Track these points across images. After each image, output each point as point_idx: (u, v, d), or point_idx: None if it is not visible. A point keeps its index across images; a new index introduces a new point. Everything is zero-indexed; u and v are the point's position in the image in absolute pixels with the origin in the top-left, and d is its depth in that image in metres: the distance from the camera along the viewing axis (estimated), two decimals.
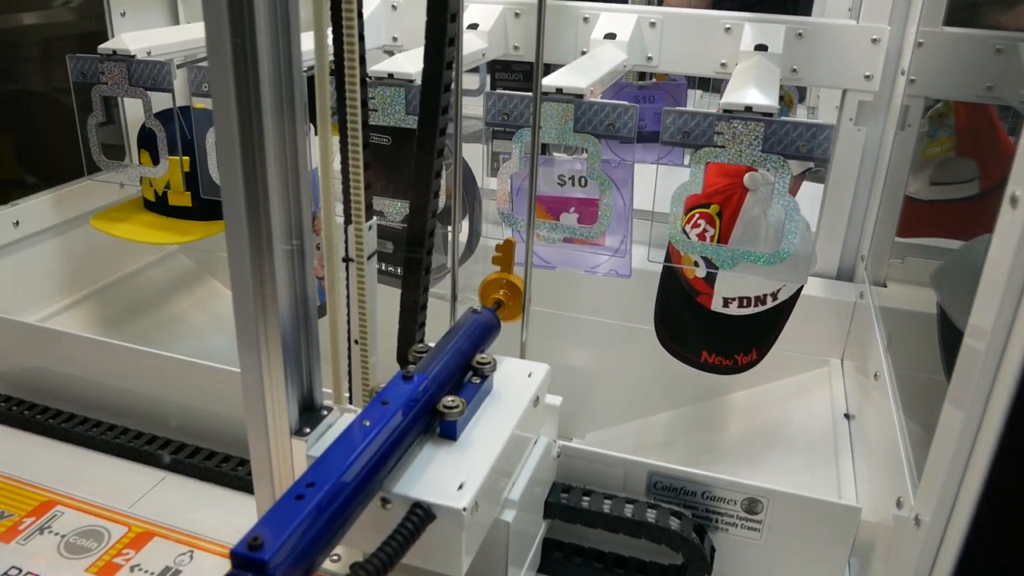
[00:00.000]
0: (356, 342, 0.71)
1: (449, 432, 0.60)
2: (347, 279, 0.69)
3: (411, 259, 0.74)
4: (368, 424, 0.54)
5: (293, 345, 0.57)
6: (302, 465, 0.59)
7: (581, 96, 0.87)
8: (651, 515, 0.76)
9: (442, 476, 0.56)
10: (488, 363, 0.65)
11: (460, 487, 0.55)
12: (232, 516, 0.82)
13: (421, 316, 0.79)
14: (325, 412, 0.61)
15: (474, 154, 1.00)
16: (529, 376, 0.69)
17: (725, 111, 0.83)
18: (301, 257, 0.56)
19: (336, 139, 0.66)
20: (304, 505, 0.46)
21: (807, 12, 2.13)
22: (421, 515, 0.53)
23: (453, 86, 0.72)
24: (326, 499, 0.47)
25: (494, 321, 0.72)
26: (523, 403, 0.65)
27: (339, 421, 0.62)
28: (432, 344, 0.67)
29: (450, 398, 0.59)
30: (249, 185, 0.50)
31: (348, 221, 0.67)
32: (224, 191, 0.51)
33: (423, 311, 0.79)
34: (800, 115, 1.81)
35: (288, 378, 0.56)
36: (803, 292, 1.04)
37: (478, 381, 0.65)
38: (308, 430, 0.59)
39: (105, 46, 1.09)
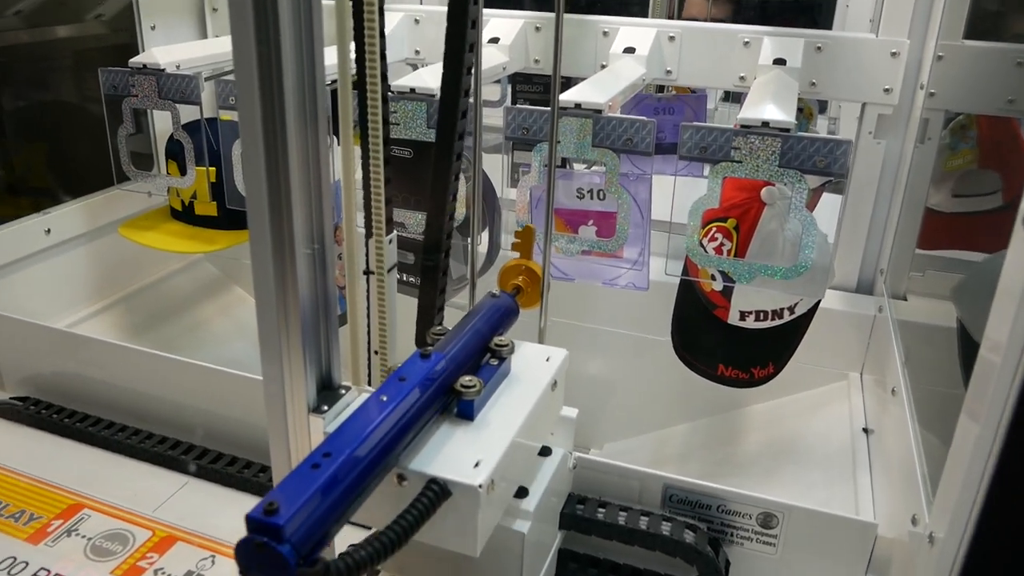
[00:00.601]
0: (376, 352, 0.73)
1: (466, 412, 0.60)
2: (367, 291, 0.71)
3: (427, 265, 0.75)
4: (385, 399, 0.54)
5: (312, 323, 0.58)
6: (319, 441, 0.60)
7: (600, 111, 0.88)
8: (666, 528, 0.77)
9: (459, 454, 0.56)
10: (506, 345, 0.65)
11: (476, 465, 0.55)
12: None
13: (439, 317, 0.79)
14: (343, 391, 0.62)
15: (495, 164, 1.01)
16: (547, 360, 0.69)
17: (742, 126, 0.84)
18: (322, 245, 0.57)
19: (358, 151, 0.67)
20: (319, 474, 0.47)
21: (828, 22, 2.13)
22: (437, 491, 0.53)
23: (472, 98, 0.73)
24: (342, 469, 0.48)
25: (512, 306, 0.72)
26: (541, 386, 0.65)
27: (357, 400, 0.63)
28: (450, 328, 0.68)
29: (468, 378, 0.60)
30: (273, 194, 0.52)
31: (369, 234, 0.68)
32: (249, 200, 0.52)
33: (440, 312, 0.80)
34: (821, 126, 1.81)
35: (306, 355, 0.57)
36: (822, 305, 1.04)
37: (496, 363, 0.64)
38: (326, 408, 0.60)
39: (136, 60, 1.11)
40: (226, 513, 0.85)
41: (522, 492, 0.67)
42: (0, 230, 1.19)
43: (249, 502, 0.86)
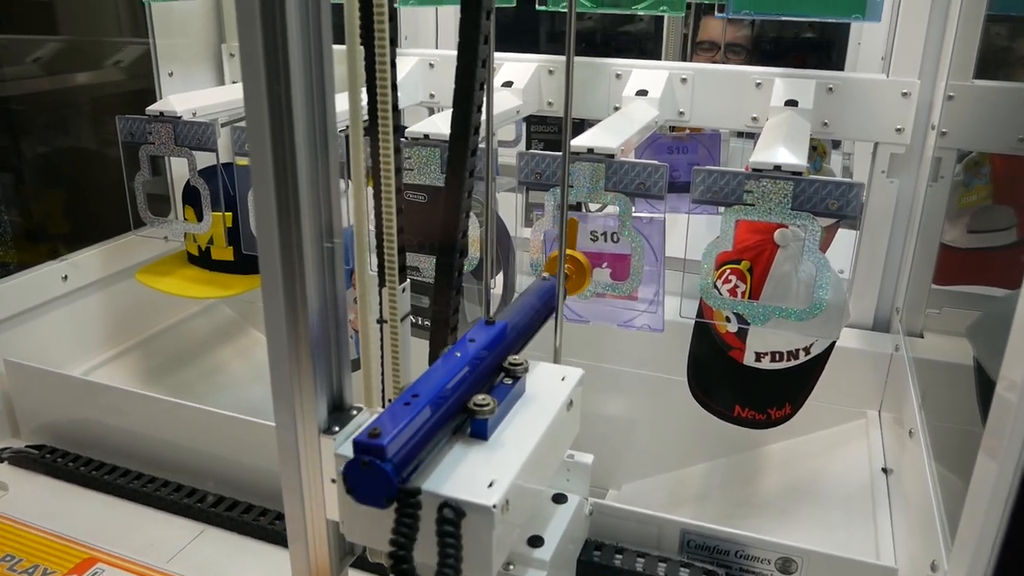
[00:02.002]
0: (390, 401, 0.73)
1: (480, 431, 0.59)
2: (381, 340, 0.71)
3: (442, 264, 0.74)
4: (459, 356, 0.61)
5: (322, 344, 0.58)
6: (330, 462, 0.60)
7: (612, 156, 0.88)
8: (684, 574, 0.76)
9: (472, 474, 0.56)
10: (520, 364, 0.65)
11: (490, 485, 0.54)
12: (269, 571, 0.83)
13: (453, 320, 0.79)
14: (354, 412, 0.62)
15: (508, 203, 1.02)
16: (563, 380, 0.68)
17: (754, 170, 0.84)
18: (332, 262, 0.58)
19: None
20: (411, 409, 0.54)
21: (841, 59, 2.14)
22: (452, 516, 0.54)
23: (483, 138, 0.73)
24: (428, 405, 0.55)
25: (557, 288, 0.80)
26: (556, 405, 0.64)
27: (368, 420, 0.63)
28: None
29: (481, 396, 0.59)
30: (284, 236, 0.54)
31: (382, 284, 0.69)
32: (260, 243, 0.54)
33: (455, 314, 0.79)
34: (835, 162, 1.81)
35: (317, 376, 0.58)
36: (839, 344, 1.04)
37: (510, 382, 0.64)
38: (337, 429, 0.60)
39: (152, 108, 1.13)
40: (241, 563, 0.84)
41: (537, 541, 0.67)
42: (18, 278, 1.20)
43: (265, 551, 0.86)
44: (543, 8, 1.13)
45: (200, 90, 1.37)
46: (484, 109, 0.71)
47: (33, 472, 1.00)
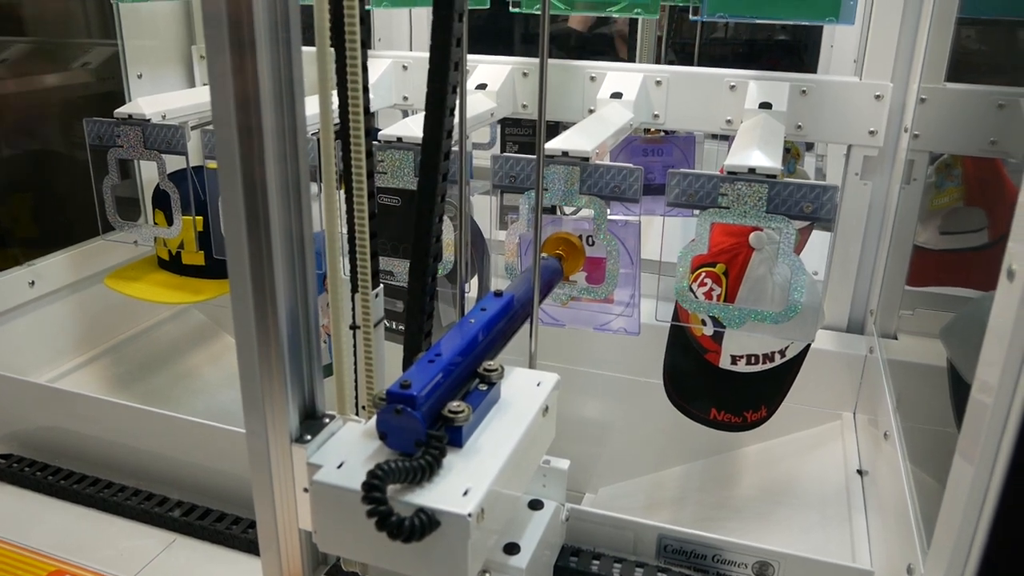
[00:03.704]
0: (364, 408, 0.72)
1: (455, 439, 0.58)
2: (354, 345, 0.70)
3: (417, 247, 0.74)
4: (473, 322, 0.68)
5: (293, 351, 0.58)
6: (303, 471, 0.59)
7: (587, 159, 0.88)
8: None
9: (447, 482, 0.55)
10: (495, 370, 0.64)
11: (465, 493, 0.54)
12: None
13: (427, 324, 0.78)
14: (327, 420, 0.61)
15: (484, 205, 1.01)
16: (538, 385, 0.67)
17: (729, 173, 0.84)
18: (303, 267, 0.58)
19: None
20: (435, 366, 0.59)
21: (813, 61, 2.15)
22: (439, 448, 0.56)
23: (455, 141, 0.72)
24: (450, 362, 0.61)
25: (558, 267, 0.89)
26: (531, 412, 0.64)
27: (342, 429, 0.62)
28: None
29: (456, 403, 0.58)
30: (254, 243, 0.53)
31: (355, 290, 0.68)
32: (229, 247, 0.53)
33: (429, 319, 0.78)
34: (809, 164, 1.82)
35: (288, 383, 0.57)
36: (813, 345, 1.04)
37: (485, 388, 0.63)
38: (309, 437, 0.59)
39: (121, 110, 1.11)
40: (214, 571, 0.83)
41: (514, 548, 0.66)
42: None
43: (238, 559, 0.85)
44: (516, 10, 1.13)
45: (170, 92, 1.35)
46: (457, 112, 0.70)
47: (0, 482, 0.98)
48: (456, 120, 0.70)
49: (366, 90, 0.63)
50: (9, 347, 1.20)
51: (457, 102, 0.69)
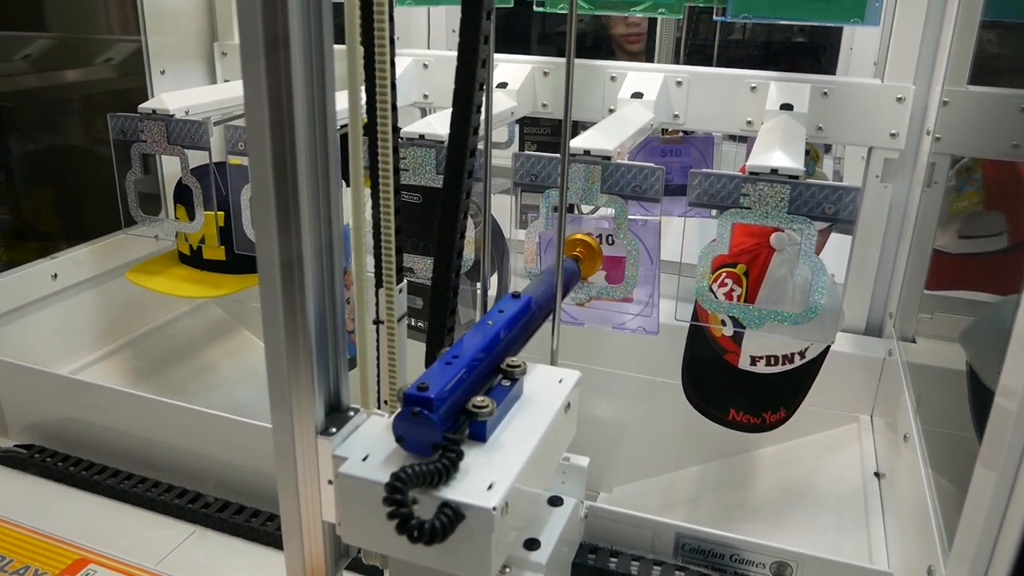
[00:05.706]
0: (386, 402, 0.72)
1: (479, 433, 0.59)
2: (377, 340, 0.70)
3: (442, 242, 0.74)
4: (491, 324, 0.66)
5: (321, 345, 0.58)
6: (327, 463, 0.59)
7: (608, 158, 0.88)
8: None
9: (471, 476, 0.55)
10: (519, 366, 0.64)
11: (490, 487, 0.54)
12: (261, 573, 0.82)
13: (452, 302, 0.78)
14: (352, 413, 0.62)
15: (504, 205, 1.01)
16: (560, 382, 0.67)
17: (751, 173, 0.84)
18: (331, 263, 0.58)
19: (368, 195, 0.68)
20: (453, 368, 0.58)
21: (832, 63, 2.15)
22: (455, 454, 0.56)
23: (480, 138, 0.73)
24: (466, 364, 0.60)
25: (575, 268, 0.90)
26: (554, 407, 0.64)
27: (366, 422, 0.62)
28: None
29: (480, 398, 0.59)
30: (283, 236, 0.54)
31: (379, 284, 0.68)
32: (259, 242, 0.53)
33: (452, 315, 0.79)
34: (827, 167, 1.81)
35: (315, 377, 0.57)
36: (832, 348, 1.04)
37: (508, 384, 0.63)
38: (334, 430, 0.60)
39: (145, 106, 1.12)
40: (233, 564, 0.84)
41: (534, 544, 0.67)
42: (7, 276, 1.19)
43: (257, 552, 0.85)
44: (541, 9, 1.13)
45: (193, 88, 1.36)
46: (483, 109, 0.71)
47: (22, 472, 0.99)
48: (483, 117, 0.71)
49: (394, 86, 0.63)
50: (32, 339, 1.21)
51: (483, 99, 0.69)
